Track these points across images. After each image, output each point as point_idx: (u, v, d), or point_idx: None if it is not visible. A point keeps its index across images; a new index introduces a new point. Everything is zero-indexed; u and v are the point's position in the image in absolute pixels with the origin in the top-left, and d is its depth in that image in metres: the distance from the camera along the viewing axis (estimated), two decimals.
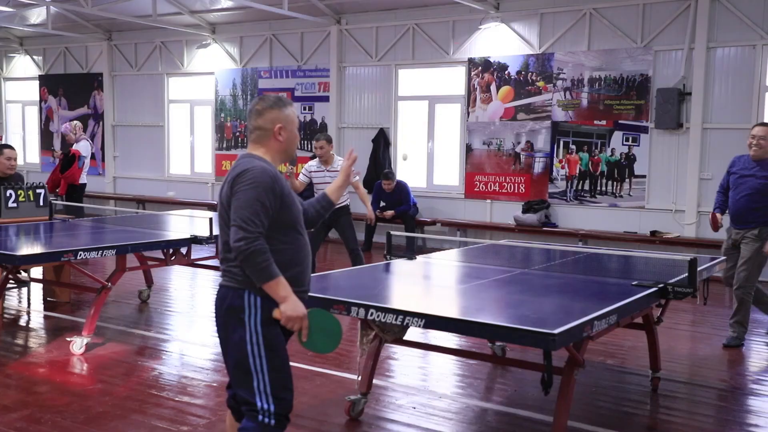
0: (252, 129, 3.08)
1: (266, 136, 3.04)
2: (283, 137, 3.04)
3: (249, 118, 3.09)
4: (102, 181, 14.85)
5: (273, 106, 3.05)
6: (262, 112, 3.04)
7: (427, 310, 3.51)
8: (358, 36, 11.96)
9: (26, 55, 16.12)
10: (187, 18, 12.95)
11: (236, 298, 2.92)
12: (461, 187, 11.30)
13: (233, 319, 2.92)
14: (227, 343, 2.96)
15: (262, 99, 3.09)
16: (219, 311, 2.99)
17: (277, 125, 3.03)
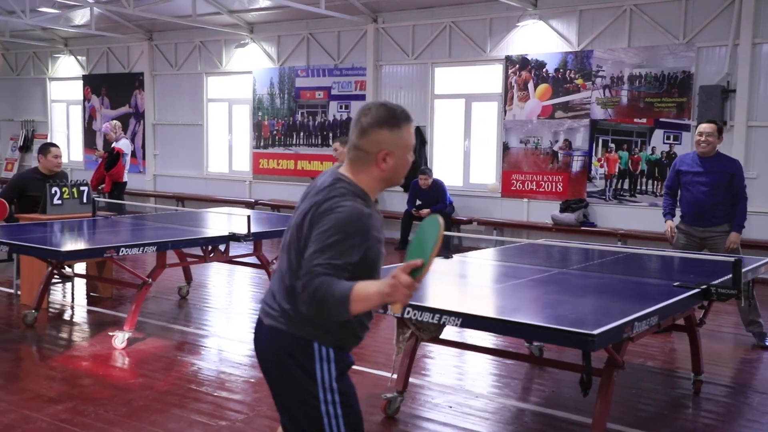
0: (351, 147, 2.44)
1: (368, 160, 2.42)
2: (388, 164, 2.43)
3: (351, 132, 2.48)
4: (142, 178, 15.11)
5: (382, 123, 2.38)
6: (367, 129, 2.40)
7: (464, 309, 3.50)
8: (394, 34, 11.96)
9: (71, 56, 16.47)
10: (225, 18, 13.10)
11: (303, 347, 2.39)
12: (498, 186, 11.22)
13: (299, 370, 2.39)
14: (287, 396, 2.44)
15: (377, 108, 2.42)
16: (272, 356, 2.44)
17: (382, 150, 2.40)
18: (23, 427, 3.98)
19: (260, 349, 2.50)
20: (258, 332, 2.52)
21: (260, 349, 2.50)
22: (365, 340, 3.92)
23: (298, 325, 2.38)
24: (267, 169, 13.59)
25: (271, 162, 13.53)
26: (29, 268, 6.73)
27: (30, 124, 17.35)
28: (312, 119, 12.98)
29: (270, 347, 2.45)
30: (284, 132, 13.32)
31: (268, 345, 2.45)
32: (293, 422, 2.45)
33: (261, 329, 2.49)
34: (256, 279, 8.31)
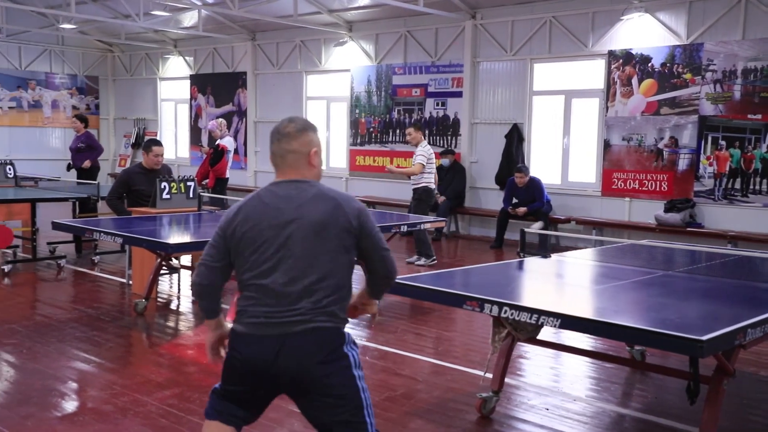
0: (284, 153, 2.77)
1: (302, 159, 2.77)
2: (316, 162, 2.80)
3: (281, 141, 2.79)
4: (244, 174, 15.61)
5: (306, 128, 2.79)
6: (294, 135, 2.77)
7: (563, 310, 3.42)
8: (492, 30, 11.82)
9: (179, 56, 17.23)
10: (325, 17, 13.34)
11: (339, 337, 2.67)
12: (598, 184, 10.90)
13: (340, 360, 2.63)
14: (331, 389, 2.60)
15: (292, 121, 2.82)
16: (319, 356, 2.59)
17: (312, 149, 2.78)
18: (134, 410, 4.20)
19: (309, 356, 2.59)
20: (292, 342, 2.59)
21: (310, 356, 2.58)
22: (459, 338, 3.92)
23: (339, 316, 2.70)
24: (363, 166, 13.75)
25: (368, 159, 13.67)
26: (140, 259, 7.08)
27: (141, 122, 18.28)
28: (408, 116, 13.02)
29: (318, 348, 2.60)
30: (381, 129, 13.44)
31: (316, 347, 2.60)
32: (347, 410, 2.62)
33: (298, 336, 2.59)
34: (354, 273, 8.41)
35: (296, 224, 2.63)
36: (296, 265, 2.62)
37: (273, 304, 2.61)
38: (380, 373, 5.00)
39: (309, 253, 2.63)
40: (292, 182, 2.73)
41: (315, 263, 2.63)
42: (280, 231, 2.63)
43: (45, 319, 6.15)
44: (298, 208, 2.65)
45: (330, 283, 2.66)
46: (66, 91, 18.24)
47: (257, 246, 2.65)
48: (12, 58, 17.32)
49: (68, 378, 4.78)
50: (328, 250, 2.65)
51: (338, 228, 2.66)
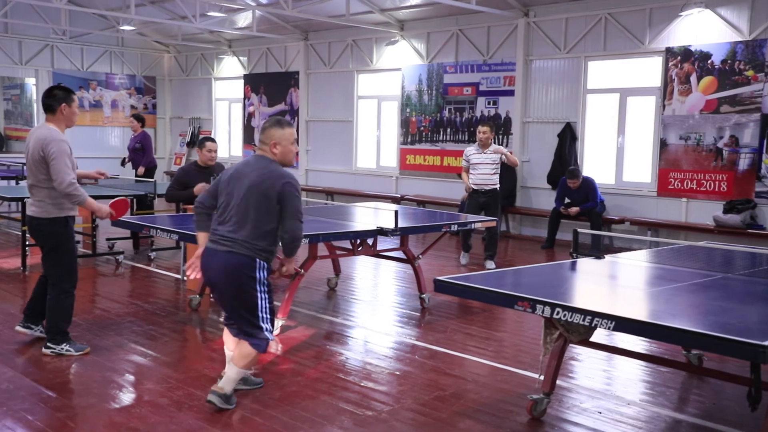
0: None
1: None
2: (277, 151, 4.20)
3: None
4: (295, 173, 15.74)
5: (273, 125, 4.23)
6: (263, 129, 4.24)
7: (618, 312, 3.36)
8: (546, 28, 11.67)
9: (233, 56, 17.51)
10: (377, 16, 13.38)
11: (249, 262, 4.09)
12: (653, 184, 10.66)
13: (246, 277, 4.08)
14: (239, 292, 4.12)
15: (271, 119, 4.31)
16: (232, 271, 4.09)
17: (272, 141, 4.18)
18: (189, 403, 4.30)
19: (226, 270, 4.14)
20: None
21: (226, 269, 4.14)
22: (509, 339, 3.83)
23: (250, 249, 4.16)
24: (413, 164, 13.74)
25: (418, 158, 13.66)
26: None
27: (196, 121, 18.64)
28: (459, 115, 12.96)
29: (233, 266, 4.14)
30: (431, 128, 13.41)
31: (231, 266, 4.14)
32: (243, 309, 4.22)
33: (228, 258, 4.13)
34: (401, 273, 8.43)
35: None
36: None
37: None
38: (430, 372, 4.99)
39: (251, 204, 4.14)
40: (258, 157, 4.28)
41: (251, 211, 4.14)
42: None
43: (104, 313, 6.33)
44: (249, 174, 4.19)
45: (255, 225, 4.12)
46: (125, 91, 18.74)
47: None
48: (75, 59, 17.88)
49: (125, 371, 4.92)
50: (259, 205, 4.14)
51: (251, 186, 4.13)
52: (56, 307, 5.09)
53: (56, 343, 5.11)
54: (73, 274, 5.20)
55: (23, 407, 4.16)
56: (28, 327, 5.38)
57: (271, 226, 4.09)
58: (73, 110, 5.12)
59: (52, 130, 4.98)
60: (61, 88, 5.12)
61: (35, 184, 5.00)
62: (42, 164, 4.91)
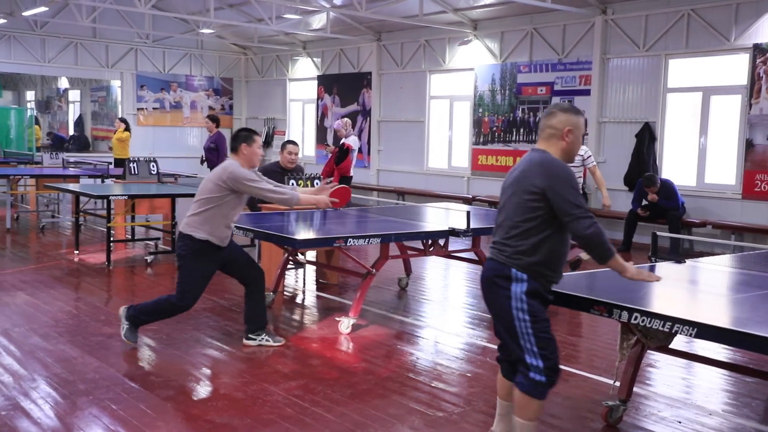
0: (543, 127, 3.50)
1: (555, 135, 3.45)
2: (569, 139, 3.45)
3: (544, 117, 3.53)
4: (367, 173, 15.89)
5: (566, 110, 3.49)
6: (554, 113, 3.47)
7: (700, 319, 3.24)
8: (624, 25, 11.37)
9: (308, 58, 17.78)
10: (450, 16, 13.33)
11: (504, 271, 3.38)
12: (738, 186, 10.23)
13: (500, 289, 3.39)
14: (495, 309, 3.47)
15: (556, 104, 3.58)
16: (487, 282, 3.46)
17: (566, 127, 3.44)
18: (263, 398, 4.39)
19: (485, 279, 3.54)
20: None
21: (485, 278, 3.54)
22: (584, 343, 3.73)
23: (505, 255, 3.46)
24: (485, 165, 13.63)
25: (490, 158, 13.54)
26: (268, 254, 7.37)
27: (271, 122, 19.02)
28: (533, 115, 12.77)
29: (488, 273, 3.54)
30: (504, 128, 13.26)
31: (487, 272, 3.55)
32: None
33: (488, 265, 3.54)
34: (472, 274, 8.37)
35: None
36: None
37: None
38: None
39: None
40: (535, 150, 3.48)
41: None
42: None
43: None
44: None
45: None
46: (203, 93, 19.31)
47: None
48: (157, 62, 18.54)
49: (202, 365, 5.06)
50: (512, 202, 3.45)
51: (527, 184, 3.36)
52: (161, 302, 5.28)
53: (126, 317, 5.28)
54: (180, 293, 5.17)
55: (108, 397, 4.34)
56: (250, 338, 5.44)
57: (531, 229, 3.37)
58: (254, 150, 5.21)
59: (234, 161, 5.17)
60: (246, 129, 5.34)
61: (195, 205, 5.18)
62: (208, 186, 5.11)
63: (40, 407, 4.16)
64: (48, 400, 4.27)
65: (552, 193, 3.26)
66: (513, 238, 3.36)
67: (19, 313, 6.23)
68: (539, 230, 3.32)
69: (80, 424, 3.97)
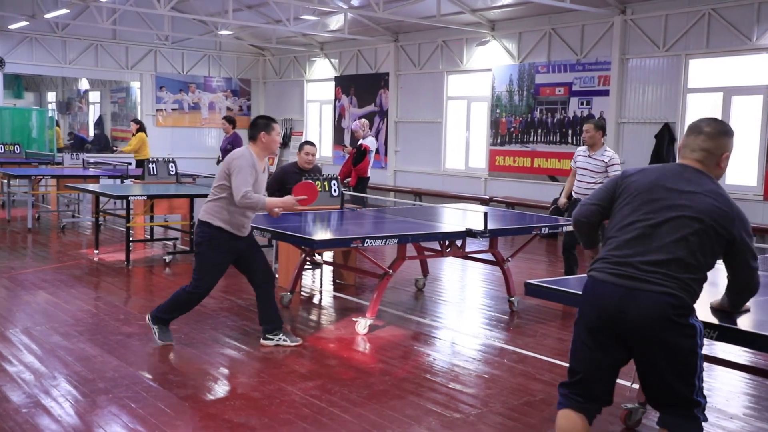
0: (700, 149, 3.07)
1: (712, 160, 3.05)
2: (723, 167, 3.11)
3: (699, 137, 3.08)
4: (384, 174, 15.89)
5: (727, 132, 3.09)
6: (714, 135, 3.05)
7: (722, 321, 3.20)
8: (644, 25, 11.29)
9: (325, 59, 17.83)
10: (468, 17, 13.31)
11: (690, 307, 2.95)
12: (760, 188, 10.12)
13: (684, 327, 2.91)
14: (669, 353, 2.90)
15: (716, 122, 3.13)
16: (667, 323, 2.87)
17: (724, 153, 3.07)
18: (280, 398, 4.40)
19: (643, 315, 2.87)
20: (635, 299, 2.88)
21: (653, 316, 2.86)
22: None
23: (687, 290, 2.93)
24: (503, 166, 13.58)
25: (507, 159, 13.49)
26: (286, 254, 7.39)
27: (288, 123, 19.09)
28: (551, 116, 12.71)
29: (660, 311, 2.86)
30: (522, 129, 13.21)
31: (657, 310, 2.86)
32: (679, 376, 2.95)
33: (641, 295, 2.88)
34: (489, 275, 8.34)
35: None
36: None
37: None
38: (519, 377, 4.92)
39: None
40: (697, 171, 3.03)
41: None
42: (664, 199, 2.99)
43: (200, 308, 6.54)
44: (692, 194, 2.95)
45: (687, 260, 2.93)
46: (221, 94, 19.42)
47: (639, 201, 3.01)
48: (176, 63, 18.67)
49: (220, 364, 5.08)
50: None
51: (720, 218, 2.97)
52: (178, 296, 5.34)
53: (152, 321, 5.35)
54: (196, 280, 5.27)
55: (127, 395, 4.37)
56: (268, 338, 5.46)
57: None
58: (273, 137, 5.26)
59: (248, 150, 5.21)
60: (264, 117, 5.37)
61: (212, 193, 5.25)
62: (220, 175, 5.16)
63: (60, 405, 4.21)
64: (68, 398, 4.31)
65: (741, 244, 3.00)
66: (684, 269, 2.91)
67: (40, 312, 6.30)
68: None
69: (100, 422, 4.00)
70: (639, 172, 3.10)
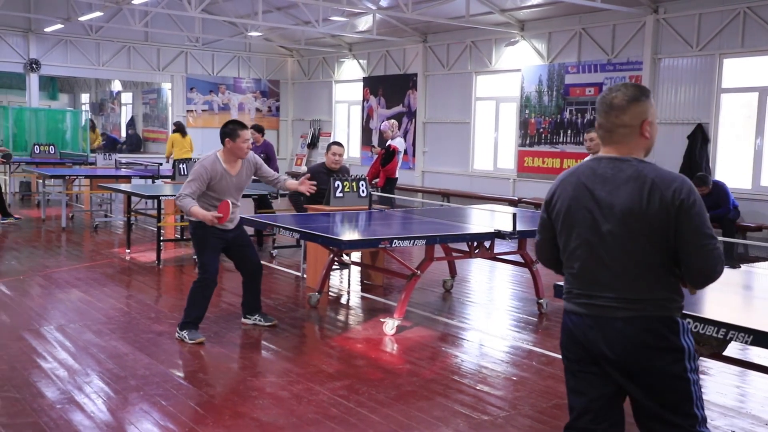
0: (613, 127, 2.59)
1: (632, 133, 2.57)
2: (649, 133, 2.59)
3: (606, 114, 2.60)
4: (412, 174, 15.88)
5: (637, 98, 2.57)
6: (625, 107, 2.56)
7: (757, 325, 3.14)
8: (676, 24, 11.13)
9: (354, 60, 17.87)
10: (497, 17, 13.24)
11: (671, 326, 2.52)
12: None
13: (668, 353, 2.51)
14: (656, 380, 2.52)
15: (622, 88, 2.59)
16: (641, 349, 2.50)
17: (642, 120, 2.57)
18: (308, 398, 4.42)
19: (628, 348, 2.51)
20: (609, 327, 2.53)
21: (628, 348, 2.50)
22: None
23: (668, 305, 2.52)
24: (532, 167, 13.49)
25: (536, 160, 13.40)
26: (314, 254, 7.43)
27: (317, 123, 19.17)
28: (581, 116, 12.60)
29: (640, 339, 2.49)
30: (551, 129, 13.11)
31: (635, 338, 2.49)
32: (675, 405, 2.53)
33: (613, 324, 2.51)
34: (518, 277, 8.29)
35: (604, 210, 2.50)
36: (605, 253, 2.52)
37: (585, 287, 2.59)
38: (547, 379, 4.88)
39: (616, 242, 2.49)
40: (612, 160, 2.57)
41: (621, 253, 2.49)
42: (589, 215, 2.53)
43: (230, 307, 6.62)
44: (610, 192, 2.49)
45: (642, 271, 2.49)
46: (251, 95, 19.57)
47: (569, 227, 2.59)
48: (206, 64, 18.86)
49: (249, 363, 5.12)
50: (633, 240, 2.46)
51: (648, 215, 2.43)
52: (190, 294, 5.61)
53: (180, 328, 5.53)
54: (199, 267, 5.65)
55: (158, 393, 4.42)
56: (246, 317, 5.99)
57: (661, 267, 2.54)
58: (238, 144, 5.51)
59: (211, 155, 5.59)
60: (233, 122, 5.67)
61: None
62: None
63: (93, 401, 4.27)
64: (101, 395, 4.38)
65: None
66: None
67: (74, 310, 6.40)
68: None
69: (131, 419, 4.06)
70: (557, 189, 2.68)
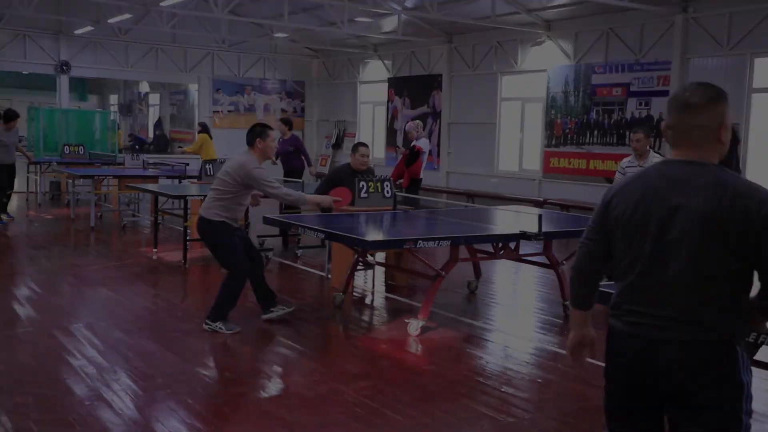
0: (688, 128, 2.32)
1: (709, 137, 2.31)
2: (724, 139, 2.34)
3: (679, 114, 2.33)
4: (436, 175, 15.85)
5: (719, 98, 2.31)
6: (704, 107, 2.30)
7: None
8: (706, 24, 10.98)
9: (379, 60, 17.88)
10: (523, 17, 13.17)
11: (732, 356, 2.22)
12: None
13: (727, 389, 2.23)
14: (710, 419, 2.23)
15: (700, 87, 2.34)
16: (697, 379, 2.23)
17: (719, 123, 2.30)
18: (333, 398, 4.43)
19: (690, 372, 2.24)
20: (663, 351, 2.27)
21: (690, 371, 2.24)
22: None
23: (723, 329, 2.23)
24: (557, 168, 13.40)
25: (562, 161, 13.30)
26: (339, 255, 7.45)
27: (341, 124, 19.22)
28: (608, 117, 12.48)
29: (700, 366, 2.23)
30: (577, 130, 13.01)
31: (697, 364, 2.23)
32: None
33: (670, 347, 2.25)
34: (544, 278, 8.24)
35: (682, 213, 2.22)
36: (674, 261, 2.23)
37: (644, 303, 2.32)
38: (573, 382, 4.84)
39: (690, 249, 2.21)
40: (687, 163, 2.31)
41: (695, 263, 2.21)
42: (656, 221, 2.26)
43: (255, 306, 6.65)
44: (685, 196, 2.24)
45: (708, 287, 2.21)
46: (276, 96, 19.67)
47: (630, 233, 2.32)
48: (232, 66, 19.00)
49: (273, 363, 5.16)
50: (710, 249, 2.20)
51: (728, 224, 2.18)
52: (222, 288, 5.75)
53: (212, 320, 5.64)
54: (231, 268, 5.77)
55: (184, 391, 4.47)
56: (269, 312, 6.01)
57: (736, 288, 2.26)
58: (268, 143, 5.77)
59: (250, 156, 5.73)
60: (260, 125, 5.93)
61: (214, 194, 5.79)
62: (226, 179, 5.68)
63: (121, 399, 4.33)
64: (128, 392, 4.43)
65: None
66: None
67: (102, 308, 6.50)
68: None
69: (158, 417, 4.11)
70: (619, 192, 2.41)
